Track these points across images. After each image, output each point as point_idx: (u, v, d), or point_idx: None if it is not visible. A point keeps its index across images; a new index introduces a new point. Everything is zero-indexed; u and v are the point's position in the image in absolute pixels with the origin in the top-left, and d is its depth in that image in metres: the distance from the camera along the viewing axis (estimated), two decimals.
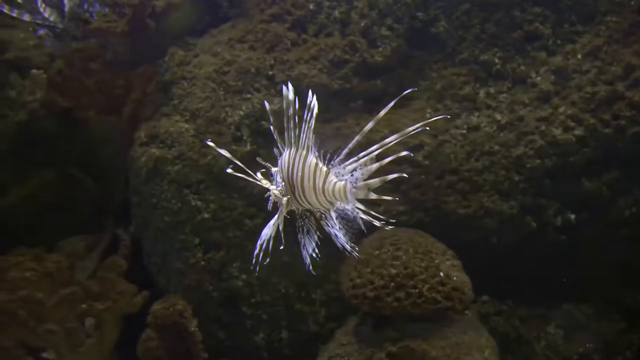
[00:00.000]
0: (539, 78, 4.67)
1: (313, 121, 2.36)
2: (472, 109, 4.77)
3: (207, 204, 4.67)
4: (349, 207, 2.32)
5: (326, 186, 2.36)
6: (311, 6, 5.01)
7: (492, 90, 4.78)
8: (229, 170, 2.51)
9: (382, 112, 2.27)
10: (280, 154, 2.45)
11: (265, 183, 2.50)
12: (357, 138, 2.29)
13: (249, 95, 4.79)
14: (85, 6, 4.38)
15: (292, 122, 2.38)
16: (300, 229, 2.55)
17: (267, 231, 2.51)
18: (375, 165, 2.31)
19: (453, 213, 4.58)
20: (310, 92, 2.35)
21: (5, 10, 4.11)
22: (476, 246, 4.54)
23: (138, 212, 5.06)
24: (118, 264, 4.81)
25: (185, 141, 4.76)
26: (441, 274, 4.05)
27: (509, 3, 4.79)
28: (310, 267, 2.55)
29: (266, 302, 4.69)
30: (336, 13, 4.97)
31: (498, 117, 4.67)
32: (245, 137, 4.73)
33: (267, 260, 2.50)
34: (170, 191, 4.71)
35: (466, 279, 4.16)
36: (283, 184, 2.45)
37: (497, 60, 4.79)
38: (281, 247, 2.50)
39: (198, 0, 5.46)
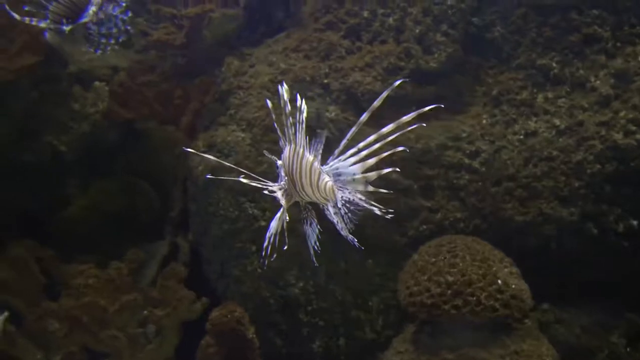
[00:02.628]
0: (598, 82, 4.58)
1: (304, 122, 2.47)
2: (529, 114, 4.71)
3: (263, 211, 4.71)
4: (339, 204, 2.44)
5: (319, 183, 2.47)
6: (365, 14, 5.03)
7: (550, 94, 4.72)
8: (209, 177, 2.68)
9: (376, 103, 2.36)
10: (284, 149, 2.58)
11: (261, 184, 2.59)
12: (352, 130, 2.39)
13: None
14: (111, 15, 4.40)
15: (289, 121, 2.48)
16: (305, 221, 2.64)
17: (275, 224, 2.61)
18: (373, 160, 2.40)
19: (511, 220, 4.53)
20: (298, 95, 2.47)
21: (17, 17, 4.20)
22: (535, 253, 4.47)
23: (197, 220, 5.13)
24: (178, 271, 4.89)
25: (241, 150, 4.81)
26: (499, 281, 4.01)
27: (566, 6, 4.72)
28: (314, 258, 2.65)
29: (323, 309, 4.71)
30: (390, 20, 4.98)
31: (557, 122, 4.60)
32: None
33: (275, 256, 2.60)
34: (227, 199, 4.77)
35: (525, 286, 4.10)
36: (286, 178, 2.57)
37: (554, 65, 4.72)
38: (285, 248, 2.60)
39: (254, 10, 5.52)
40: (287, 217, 2.59)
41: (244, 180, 2.57)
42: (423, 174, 4.65)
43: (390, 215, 2.43)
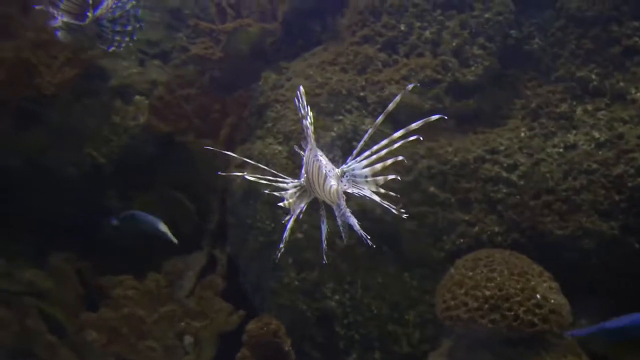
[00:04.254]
0: (639, 94, 4.52)
1: (311, 128, 2.63)
2: (569, 127, 4.67)
3: (300, 224, 4.71)
4: (342, 207, 2.59)
5: (325, 186, 2.62)
6: (402, 27, 5.03)
7: (589, 107, 4.67)
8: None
9: (391, 106, 2.51)
10: (305, 147, 2.74)
11: (279, 184, 2.80)
12: (368, 132, 2.53)
13: (340, 117, 4.84)
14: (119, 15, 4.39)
15: (304, 122, 2.64)
16: (321, 218, 2.80)
17: (292, 222, 2.76)
18: (379, 165, 2.58)
19: (550, 234, 4.47)
20: (304, 101, 2.61)
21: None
22: (574, 267, 4.41)
23: (234, 233, 5.17)
24: (215, 283, 4.93)
25: (278, 163, 4.84)
26: (537, 296, 3.95)
27: (606, 18, 4.68)
28: (324, 255, 2.83)
29: (359, 322, 4.70)
30: (427, 33, 4.97)
31: (596, 134, 4.54)
32: (337, 159, 4.76)
33: (282, 251, 2.75)
34: (264, 212, 4.80)
35: (564, 301, 4.04)
36: (305, 175, 2.72)
37: (594, 77, 4.67)
38: (281, 246, 2.74)
39: (291, 24, 5.56)
40: (299, 211, 2.73)
41: (250, 177, 2.77)
42: (461, 187, 4.63)
43: (405, 215, 2.57)
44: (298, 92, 2.62)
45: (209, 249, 5.34)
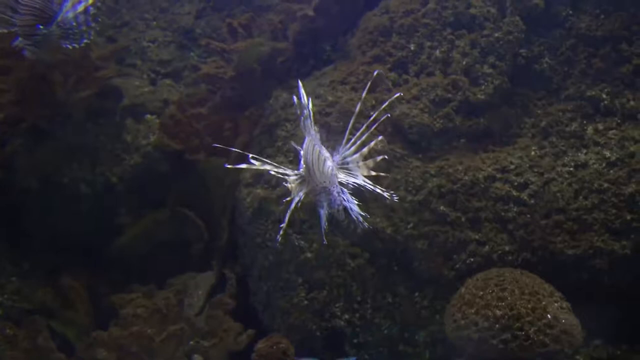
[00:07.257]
0: None
1: (310, 119, 2.98)
2: (579, 146, 4.66)
3: (310, 243, 4.72)
4: (336, 188, 2.92)
5: (324, 169, 2.92)
6: (412, 47, 5.05)
7: (600, 126, 4.66)
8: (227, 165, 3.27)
9: (359, 105, 3.11)
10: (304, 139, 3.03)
11: (282, 172, 3.09)
12: (350, 123, 2.99)
13: (350, 136, 4.83)
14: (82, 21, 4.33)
15: (304, 113, 2.95)
16: (319, 204, 3.07)
17: (292, 207, 3.05)
18: (365, 149, 3.03)
19: (561, 253, 4.45)
20: (302, 91, 2.92)
21: None
22: (586, 287, 4.38)
23: (244, 251, 5.17)
24: (225, 302, 4.92)
25: None
26: (549, 316, 3.93)
27: (616, 37, 4.68)
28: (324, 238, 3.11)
29: (369, 342, 4.67)
30: (437, 53, 4.99)
31: (607, 153, 4.53)
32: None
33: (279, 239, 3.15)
34: (274, 231, 4.80)
35: (575, 321, 4.02)
36: (304, 166, 3.00)
37: (604, 96, 4.67)
38: (279, 239, 3.18)
39: (302, 44, 5.59)
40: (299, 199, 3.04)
41: (254, 162, 3.03)
42: (471, 206, 4.62)
43: (396, 198, 2.95)
44: (298, 83, 2.93)
45: (218, 267, 5.34)
